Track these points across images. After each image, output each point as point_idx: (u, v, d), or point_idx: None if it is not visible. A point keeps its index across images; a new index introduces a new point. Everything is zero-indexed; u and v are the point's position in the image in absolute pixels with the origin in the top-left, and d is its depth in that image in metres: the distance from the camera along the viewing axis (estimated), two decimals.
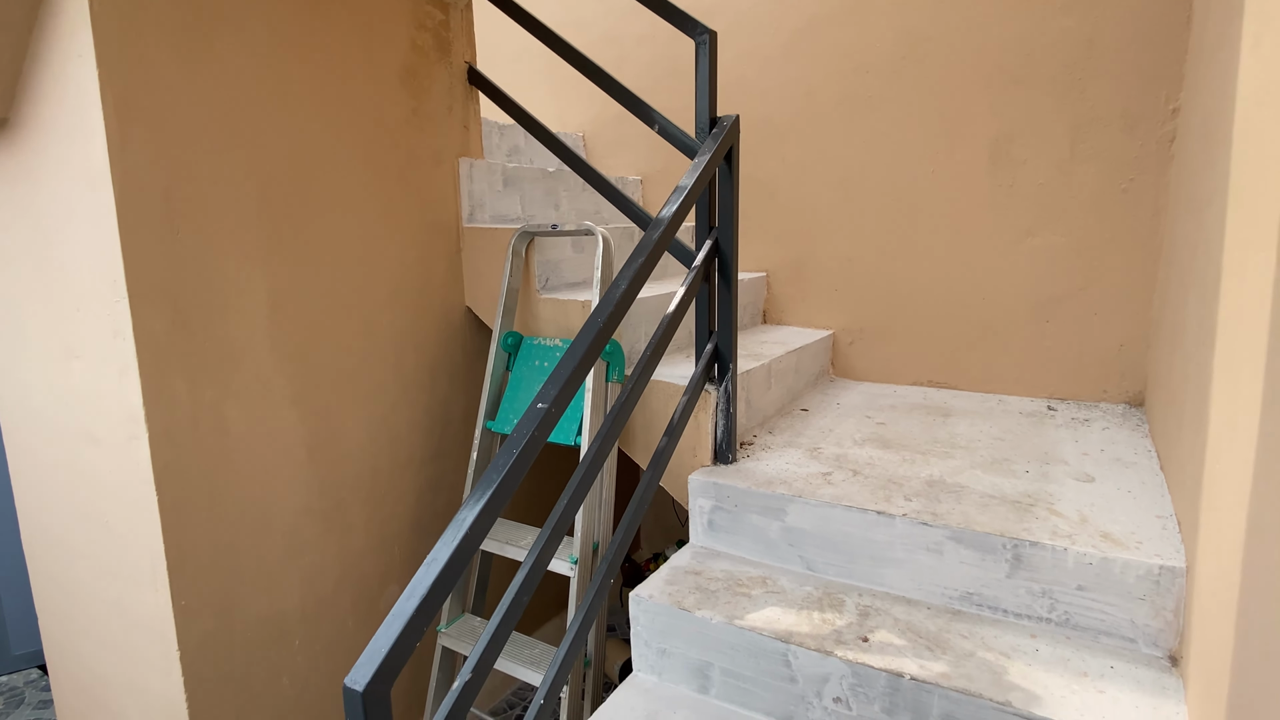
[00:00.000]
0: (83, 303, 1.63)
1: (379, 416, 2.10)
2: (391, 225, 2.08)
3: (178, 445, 1.63)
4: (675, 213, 1.54)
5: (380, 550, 2.15)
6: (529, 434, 1.16)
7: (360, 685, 0.89)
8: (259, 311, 1.77)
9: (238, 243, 1.72)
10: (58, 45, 1.51)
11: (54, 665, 2.12)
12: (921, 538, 1.53)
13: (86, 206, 1.55)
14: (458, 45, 2.27)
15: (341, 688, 2.06)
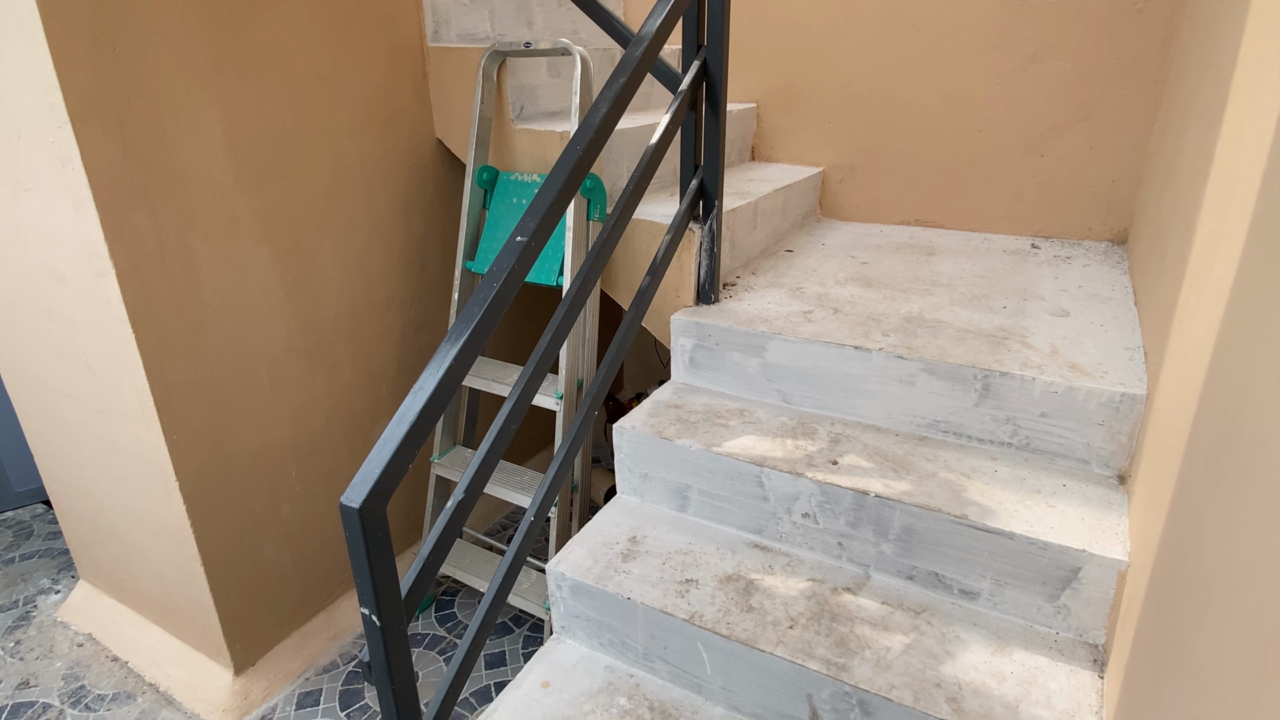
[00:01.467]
0: (24, 129, 1.51)
1: (354, 255, 2.05)
2: (349, 44, 1.91)
3: (146, 281, 1.59)
4: (660, 26, 1.42)
5: (368, 387, 2.18)
6: (508, 268, 1.13)
7: (356, 503, 0.93)
8: (213, 138, 1.66)
9: (181, 59, 1.57)
10: None
11: (57, 499, 2.20)
12: (896, 370, 1.57)
13: (11, 16, 1.39)
14: None
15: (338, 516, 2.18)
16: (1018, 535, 1.27)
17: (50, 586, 2.49)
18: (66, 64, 1.38)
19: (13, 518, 2.87)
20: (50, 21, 1.35)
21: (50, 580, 2.52)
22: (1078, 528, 1.28)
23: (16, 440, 2.83)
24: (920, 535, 1.37)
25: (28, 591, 2.46)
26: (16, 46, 1.41)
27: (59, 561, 2.60)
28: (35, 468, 2.90)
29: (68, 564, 2.58)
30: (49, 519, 2.85)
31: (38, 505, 2.94)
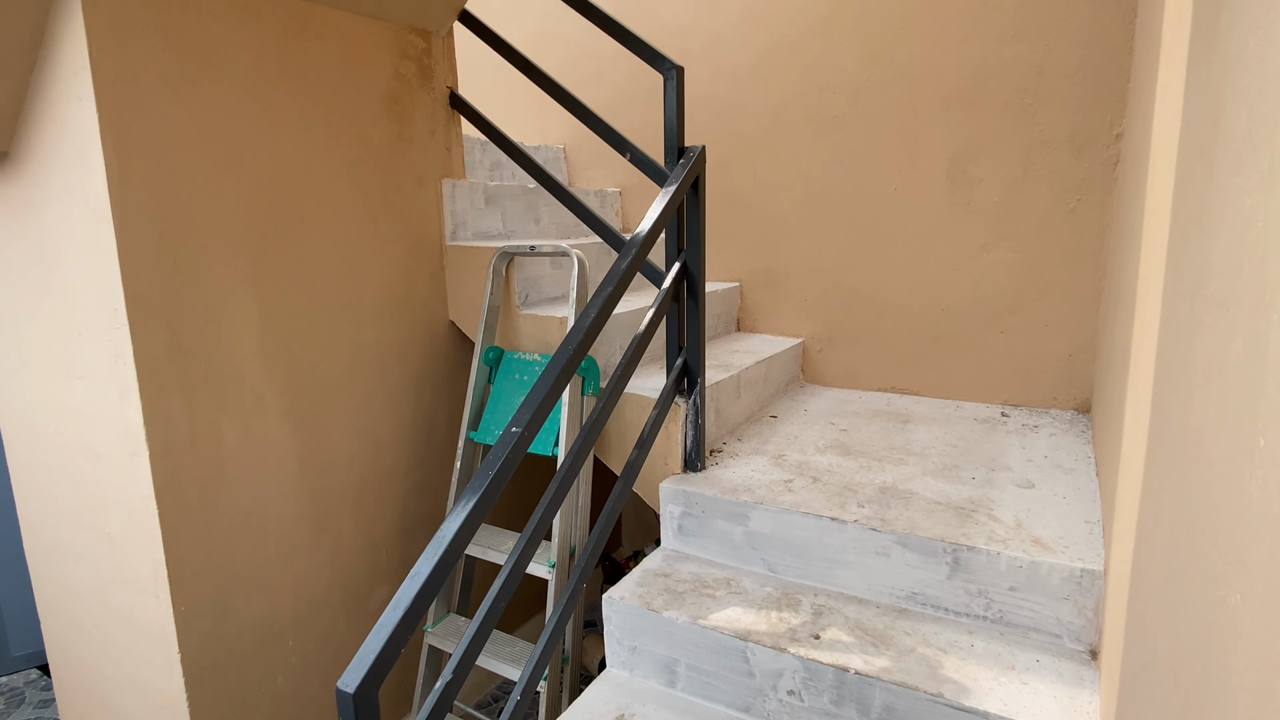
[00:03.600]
0: (85, 328, 1.72)
1: (366, 427, 2.21)
2: (377, 244, 2.18)
3: (176, 460, 1.73)
4: (643, 242, 1.65)
5: (369, 554, 2.26)
6: (503, 456, 1.27)
7: (351, 688, 1.01)
8: (251, 330, 1.87)
9: (230, 266, 1.81)
10: (57, 87, 1.60)
11: (56, 666, 2.22)
12: (871, 542, 1.66)
13: (87, 237, 1.64)
14: (439, 72, 2.36)
15: (333, 684, 2.17)
16: (991, 715, 1.30)
17: None
18: (132, 277, 1.61)
19: (6, 683, 2.84)
20: (124, 243, 1.60)
21: None
22: (1049, 706, 1.31)
23: (24, 604, 2.87)
24: (900, 714, 1.39)
25: None
26: (92, 259, 1.65)
27: None
28: (36, 632, 2.90)
29: None
30: (43, 685, 2.82)
31: (33, 671, 2.92)
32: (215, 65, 1.74)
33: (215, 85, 1.74)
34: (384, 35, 2.16)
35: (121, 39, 1.56)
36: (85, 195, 1.61)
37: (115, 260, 1.59)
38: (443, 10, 2.26)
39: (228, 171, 1.79)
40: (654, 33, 3.02)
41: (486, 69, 3.48)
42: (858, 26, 2.60)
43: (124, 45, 1.56)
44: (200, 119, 1.72)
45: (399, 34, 2.21)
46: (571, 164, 3.42)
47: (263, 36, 1.83)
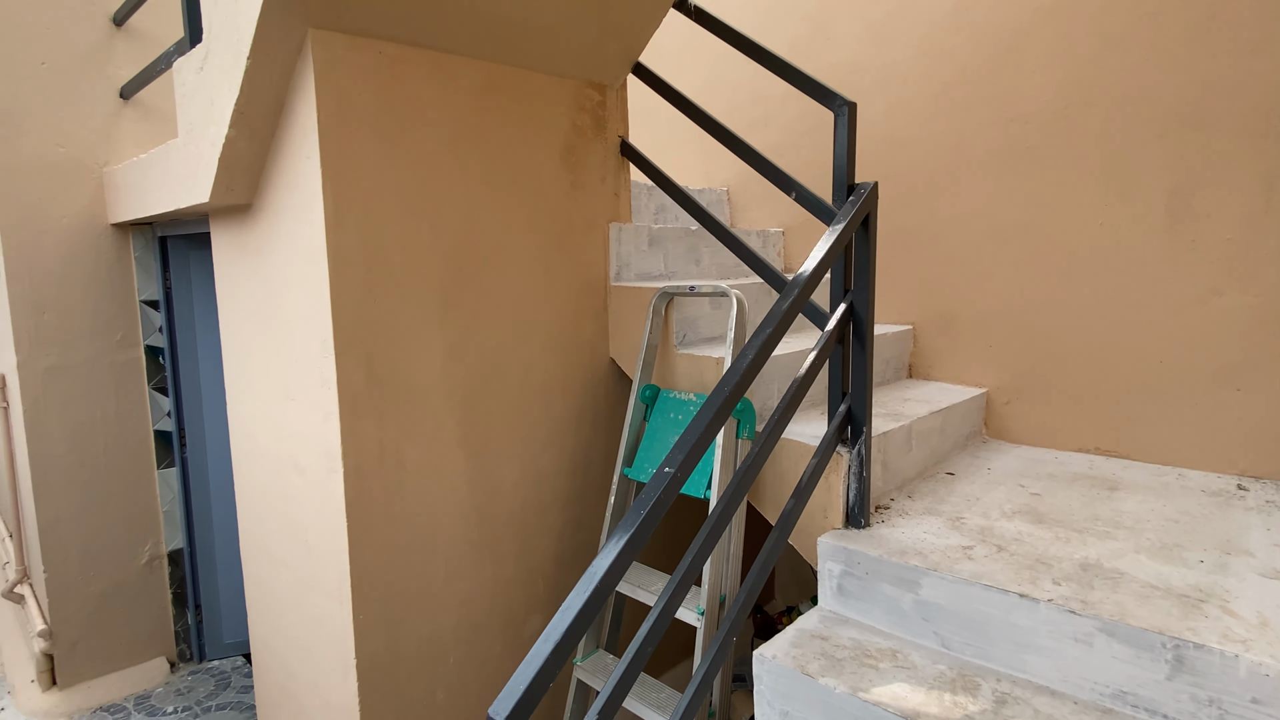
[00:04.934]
0: (299, 356, 1.96)
1: (530, 458, 2.30)
2: (548, 286, 2.30)
3: (365, 479, 1.90)
4: (807, 281, 1.60)
5: (526, 581, 2.33)
6: (655, 497, 1.26)
7: (501, 716, 1.02)
8: (435, 363, 2.03)
9: (420, 304, 1.98)
10: (290, 148, 1.86)
11: (257, 657, 2.49)
12: (1069, 627, 1.44)
13: (305, 277, 1.87)
14: (613, 122, 2.47)
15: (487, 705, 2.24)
16: None
17: None
18: (340, 313, 1.81)
19: (217, 667, 3.24)
20: (335, 283, 1.80)
21: None
22: None
23: (233, 597, 3.27)
24: None
25: None
26: (308, 297, 1.87)
27: (246, 715, 2.86)
28: (242, 621, 3.29)
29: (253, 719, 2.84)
30: (245, 673, 3.18)
31: (239, 658, 3.30)
32: (416, 125, 1.94)
33: (415, 143, 1.94)
34: (564, 90, 2.30)
35: (343, 106, 1.78)
36: (307, 241, 1.84)
37: (327, 298, 1.80)
38: (618, 64, 2.37)
39: (422, 219, 1.97)
40: (825, 71, 2.97)
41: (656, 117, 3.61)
42: (1055, 52, 2.39)
43: (344, 111, 1.79)
44: (401, 173, 1.92)
45: (577, 89, 2.34)
46: (735, 205, 3.42)
47: (458, 98, 2.02)
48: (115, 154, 2.92)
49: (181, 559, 3.22)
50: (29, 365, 2.78)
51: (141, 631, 3.14)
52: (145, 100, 2.98)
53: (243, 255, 2.17)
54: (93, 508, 2.97)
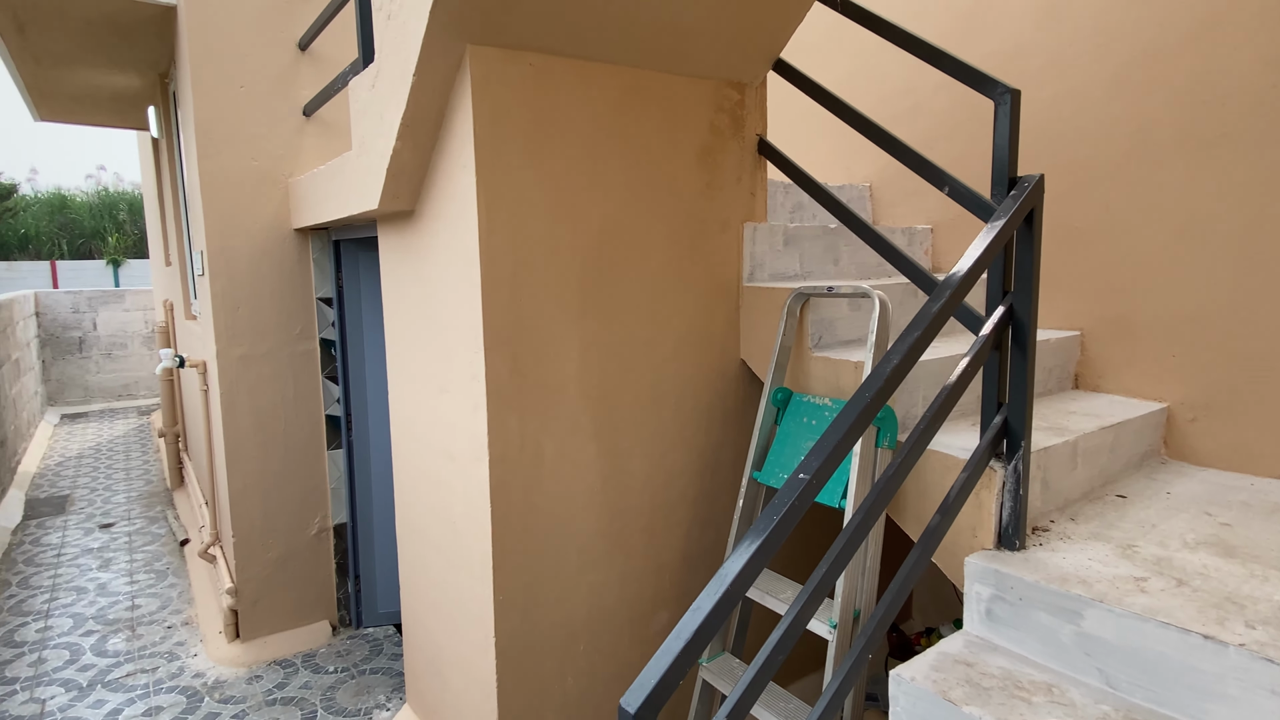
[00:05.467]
0: (453, 351, 2.10)
1: (659, 455, 2.33)
2: (681, 286, 2.31)
3: (508, 467, 2.00)
4: (961, 282, 1.50)
5: (654, 577, 2.36)
6: (789, 502, 1.23)
7: (633, 708, 1.04)
8: (573, 360, 2.10)
9: (560, 303, 2.06)
10: (449, 158, 1.99)
11: (407, 629, 2.69)
12: (1265, 676, 1.26)
13: (460, 278, 2.00)
14: (750, 121, 2.44)
15: (614, 695, 2.30)
16: None
17: (384, 702, 2.97)
18: (489, 310, 1.92)
19: (372, 634, 3.53)
20: (486, 283, 1.91)
21: (385, 697, 3.01)
22: None
23: (387, 571, 3.55)
24: None
25: (368, 704, 2.97)
26: (462, 296, 2.00)
27: (395, 682, 3.10)
28: (394, 593, 3.57)
29: (400, 686, 3.07)
30: (395, 641, 3.45)
31: (390, 628, 3.59)
32: (561, 132, 2.01)
33: (560, 149, 2.01)
34: (703, 91, 2.30)
35: (496, 116, 1.88)
36: (462, 244, 1.97)
37: (479, 297, 1.91)
38: (758, 62, 2.35)
39: (564, 223, 2.05)
40: (982, 59, 2.78)
41: (790, 113, 3.53)
42: (1261, 24, 2.09)
43: (497, 121, 1.89)
44: (546, 179, 2.00)
45: (716, 89, 2.34)
46: (877, 202, 3.28)
47: (600, 104, 2.07)
48: (298, 166, 3.27)
49: (344, 533, 3.55)
50: (225, 354, 3.17)
51: (309, 596, 3.50)
52: (324, 116, 3.30)
53: (405, 258, 2.35)
54: (273, 482, 3.34)
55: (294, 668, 3.22)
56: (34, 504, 5.59)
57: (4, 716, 2.88)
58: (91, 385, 9.58)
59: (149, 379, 9.90)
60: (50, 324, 9.24)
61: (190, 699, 2.99)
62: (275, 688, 3.07)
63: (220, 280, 3.12)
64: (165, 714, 2.89)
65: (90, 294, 9.52)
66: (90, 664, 3.27)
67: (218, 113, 3.06)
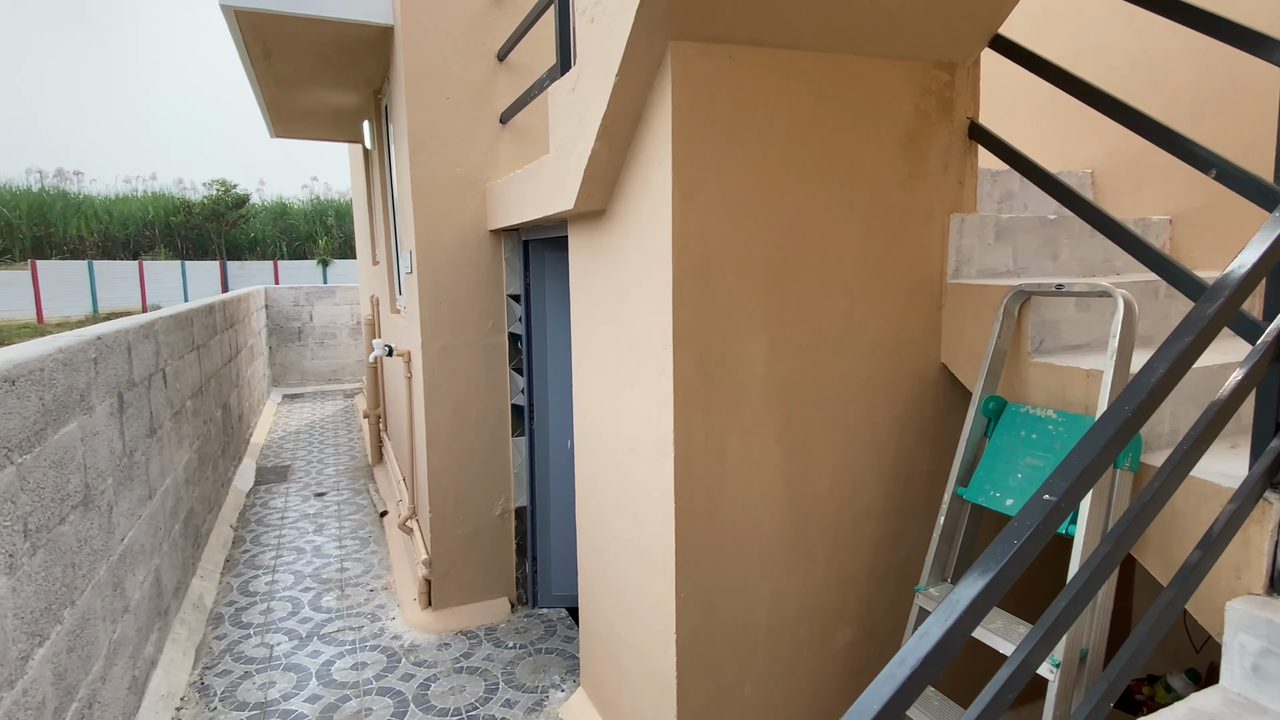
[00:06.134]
0: (640, 347, 2.12)
1: (847, 462, 2.21)
2: (877, 283, 2.18)
3: (692, 464, 1.99)
4: (1242, 282, 1.27)
5: (837, 590, 2.25)
6: (1031, 528, 1.10)
7: None
8: (759, 358, 2.04)
9: (749, 301, 2.01)
10: (643, 157, 2.00)
11: (584, 615, 2.78)
12: None
13: (650, 275, 2.01)
14: (960, 103, 2.25)
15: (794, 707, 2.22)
16: None
17: (559, 683, 3.09)
18: (679, 307, 1.92)
19: (546, 614, 3.70)
20: (677, 280, 1.91)
21: (560, 677, 3.13)
22: None
23: (562, 555, 3.70)
24: None
25: (544, 683, 3.10)
26: (652, 293, 2.01)
27: (568, 664, 3.22)
28: (568, 578, 3.72)
29: (573, 668, 3.18)
30: (568, 624, 3.59)
31: (563, 610, 3.74)
32: (755, 124, 1.96)
33: (754, 142, 1.96)
34: (908, 73, 2.15)
35: (694, 112, 1.87)
36: (654, 242, 1.98)
37: (669, 294, 1.91)
38: (972, 40, 2.16)
39: (756, 217, 1.99)
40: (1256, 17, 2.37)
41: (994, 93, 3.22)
42: None
43: (694, 117, 1.87)
44: (739, 173, 1.96)
45: (923, 70, 2.18)
46: (1100, 190, 2.92)
47: (797, 93, 2.00)
48: (495, 171, 3.48)
49: (524, 516, 3.74)
50: (429, 345, 3.45)
51: (491, 573, 3.73)
52: (517, 124, 3.49)
53: (595, 256, 2.42)
54: (465, 464, 3.59)
55: (478, 639, 3.45)
56: (262, 471, 6.45)
57: (241, 655, 3.33)
58: (307, 370, 10.92)
59: (353, 365, 11.11)
60: (276, 315, 10.64)
61: (390, 658, 3.29)
62: (461, 656, 3.30)
63: (427, 278, 3.40)
64: (369, 669, 3.20)
65: (308, 289, 10.85)
66: (308, 617, 3.70)
67: (427, 123, 3.33)
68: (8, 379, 1.86)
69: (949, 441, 2.37)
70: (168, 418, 3.59)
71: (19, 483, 1.90)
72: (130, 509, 2.85)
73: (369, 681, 3.11)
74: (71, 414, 2.31)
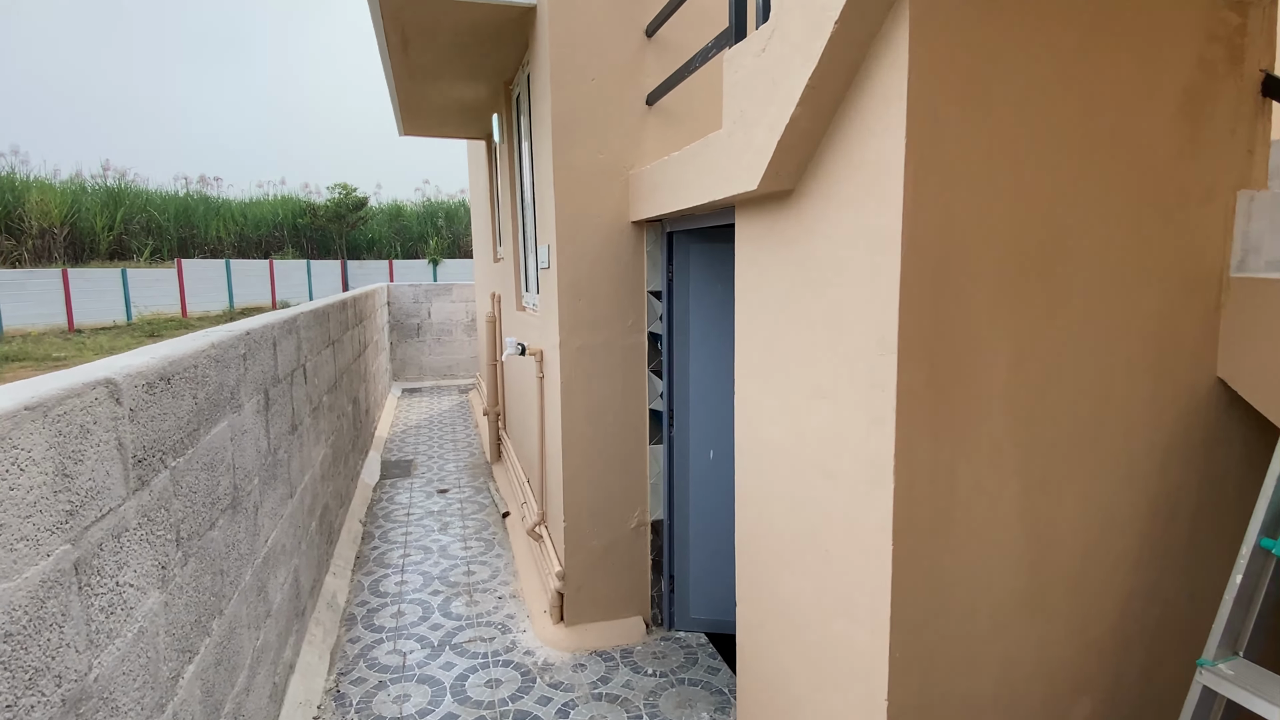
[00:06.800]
0: (839, 351, 1.78)
1: (1096, 498, 1.79)
2: (1142, 276, 1.75)
3: (915, 498, 1.63)
4: None
5: (1078, 651, 1.84)
6: None
7: None
8: (1000, 371, 1.67)
9: (990, 299, 1.64)
10: (858, 122, 1.66)
11: (744, 655, 2.46)
12: None
13: (861, 265, 1.67)
14: (1253, 52, 1.78)
15: None
16: None
17: None
18: (909, 304, 1.57)
19: (684, 639, 3.42)
20: (908, 273, 1.56)
21: (709, 716, 2.83)
22: None
23: (701, 574, 3.40)
24: None
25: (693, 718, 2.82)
26: (866, 290, 1.67)
27: (716, 700, 2.92)
28: (710, 602, 3.42)
29: (723, 706, 2.88)
30: (710, 652, 3.29)
31: (702, 635, 3.44)
32: (1005, 81, 1.58)
33: (1005, 102, 1.59)
34: (1189, 17, 1.71)
35: (933, 64, 1.52)
36: (870, 225, 1.64)
37: (895, 288, 1.56)
38: None
39: (1002, 195, 1.62)
40: None
41: None
42: None
43: (933, 71, 1.52)
44: (983, 140, 1.59)
45: (1209, 11, 1.73)
46: None
47: (1056, 43, 1.60)
48: (638, 158, 3.22)
49: (661, 529, 3.47)
50: (567, 344, 3.24)
51: (625, 589, 3.48)
52: (664, 105, 3.22)
53: (773, 244, 2.10)
54: (600, 471, 3.36)
55: (614, 662, 3.21)
56: (387, 465, 6.53)
57: (375, 662, 3.24)
58: (425, 365, 11.19)
59: (466, 361, 11.29)
60: (397, 312, 10.95)
61: (524, 677, 3.10)
62: (599, 681, 3.07)
63: (566, 272, 3.19)
64: (504, 688, 3.02)
65: (427, 287, 11.11)
66: (439, 624, 3.58)
67: (571, 107, 3.12)
68: (163, 377, 1.75)
69: (1221, 474, 1.91)
70: (307, 413, 3.56)
71: (172, 488, 1.79)
72: (273, 508, 2.79)
73: (504, 702, 2.92)
74: (222, 413, 2.22)
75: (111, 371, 1.50)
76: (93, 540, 1.38)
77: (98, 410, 1.42)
